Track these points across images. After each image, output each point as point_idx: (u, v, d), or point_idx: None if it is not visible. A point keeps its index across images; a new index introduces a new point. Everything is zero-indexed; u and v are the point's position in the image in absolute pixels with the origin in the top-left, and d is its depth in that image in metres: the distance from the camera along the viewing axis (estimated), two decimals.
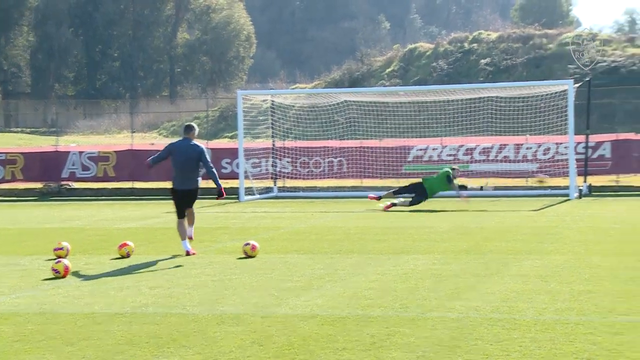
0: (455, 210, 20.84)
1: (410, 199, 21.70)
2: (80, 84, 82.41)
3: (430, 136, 30.02)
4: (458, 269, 11.32)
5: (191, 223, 13.98)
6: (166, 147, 14.17)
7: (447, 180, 21.72)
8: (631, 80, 40.46)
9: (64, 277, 11.36)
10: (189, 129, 14.06)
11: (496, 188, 24.74)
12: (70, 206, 25.39)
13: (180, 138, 14.25)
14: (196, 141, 13.98)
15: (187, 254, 13.33)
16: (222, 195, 13.93)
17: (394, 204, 21.55)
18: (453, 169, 22.28)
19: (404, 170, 27.66)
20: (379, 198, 22.55)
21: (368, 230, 16.54)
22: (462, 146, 27.41)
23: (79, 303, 9.53)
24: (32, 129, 62.44)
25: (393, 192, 22.54)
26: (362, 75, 51.59)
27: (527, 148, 26.85)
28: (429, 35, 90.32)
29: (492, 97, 28.82)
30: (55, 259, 12.52)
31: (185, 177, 13.78)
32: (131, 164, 29.34)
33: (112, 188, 29.95)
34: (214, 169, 13.86)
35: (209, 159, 13.83)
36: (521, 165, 26.85)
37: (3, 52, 78.36)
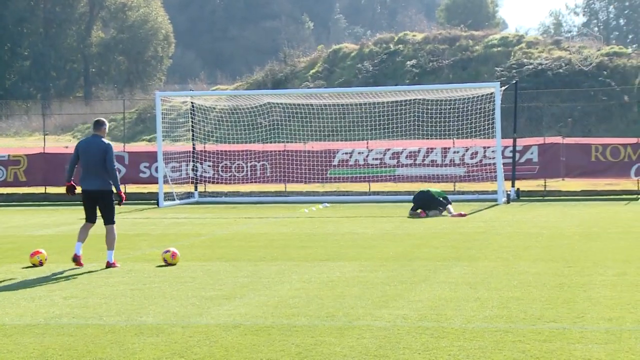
0: (382, 217, 21.00)
1: (439, 209, 20.94)
2: None
3: (356, 139, 30.23)
4: (385, 277, 11.40)
5: (110, 246, 13.08)
6: (75, 147, 13.59)
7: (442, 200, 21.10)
8: (557, 83, 41.38)
9: None
10: (98, 124, 13.48)
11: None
12: None
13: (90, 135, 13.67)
14: (106, 139, 13.43)
15: (76, 257, 12.85)
16: (122, 200, 13.24)
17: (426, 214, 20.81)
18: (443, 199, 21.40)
19: (329, 175, 27.78)
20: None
21: (292, 237, 16.55)
22: (388, 150, 27.66)
23: None
24: None
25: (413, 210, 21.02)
26: (286, 76, 51.61)
27: (454, 152, 27.23)
28: (354, 36, 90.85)
29: (418, 99, 29.16)
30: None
31: (92, 176, 13.16)
32: (44, 168, 28.83)
33: (23, 193, 29.37)
34: (115, 171, 13.16)
35: (113, 159, 13.12)
36: (448, 170, 27.21)
37: None
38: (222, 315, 9.01)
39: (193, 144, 28.49)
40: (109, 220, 13.26)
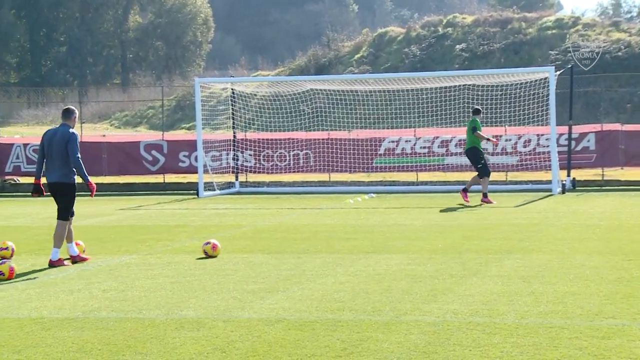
0: (430, 207, 20.95)
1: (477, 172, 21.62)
2: (24, 70, 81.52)
3: (402, 127, 30.15)
4: (434, 270, 11.37)
5: (55, 243, 12.67)
6: (41, 139, 12.99)
7: (472, 131, 21.57)
8: (616, 67, 40.89)
9: (8, 279, 11.26)
10: (67, 113, 12.84)
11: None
12: (14, 203, 25.17)
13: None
14: (74, 129, 12.82)
15: (73, 259, 12.71)
16: (92, 191, 12.83)
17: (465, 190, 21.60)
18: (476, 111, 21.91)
19: (375, 164, 27.75)
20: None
21: (337, 229, 16.57)
22: (437, 138, 27.53)
23: (25, 307, 9.46)
24: None
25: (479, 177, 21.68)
26: (329, 61, 51.59)
27: (506, 140, 27.03)
28: (400, 19, 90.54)
29: (468, 85, 28.98)
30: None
31: (55, 168, 12.66)
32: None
33: None
34: (79, 160, 12.61)
35: (75, 149, 12.55)
36: (500, 159, 27.03)
37: None
38: (265, 310, 9.05)
39: (234, 132, 28.61)
40: (61, 215, 12.82)
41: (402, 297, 9.57)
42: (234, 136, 28.49)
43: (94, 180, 30.84)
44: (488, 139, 22.03)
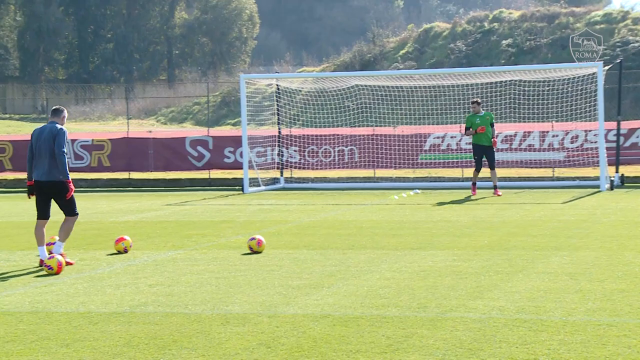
0: (476, 204, 20.84)
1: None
2: (72, 67, 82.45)
3: (448, 123, 30.01)
4: (480, 266, 11.31)
5: (62, 238, 12.35)
6: (30, 137, 12.65)
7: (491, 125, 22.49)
8: None
9: (57, 273, 11.40)
10: (56, 112, 12.48)
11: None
12: None
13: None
14: (65, 127, 12.41)
15: (42, 263, 11.96)
16: (69, 191, 12.22)
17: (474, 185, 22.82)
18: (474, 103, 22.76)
19: (420, 160, 27.65)
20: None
21: (382, 224, 16.55)
22: None
23: (73, 302, 9.57)
24: (21, 116, 62.59)
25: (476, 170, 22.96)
26: (374, 57, 51.50)
27: (553, 136, 26.79)
28: (446, 15, 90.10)
29: (514, 80, 28.77)
30: (48, 255, 12.53)
31: (44, 166, 12.20)
32: (127, 153, 29.41)
33: (107, 179, 30.03)
34: (64, 156, 12.09)
35: (62, 143, 12.06)
36: (547, 154, 26.80)
37: None
38: (310, 305, 9.07)
39: (279, 128, 28.68)
40: (70, 212, 12.46)
41: (447, 293, 9.54)
42: (279, 132, 28.56)
43: (140, 175, 31.14)
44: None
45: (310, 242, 14.11)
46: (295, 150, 28.41)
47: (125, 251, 13.34)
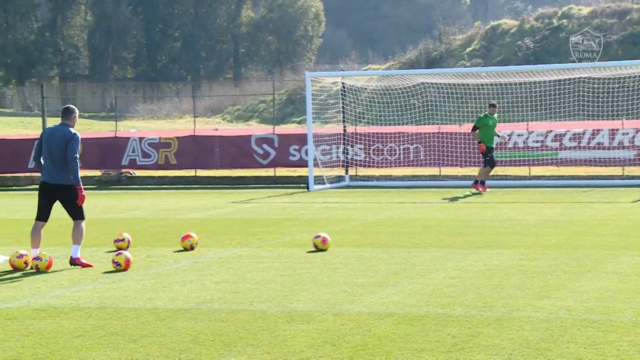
0: (543, 202, 20.61)
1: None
2: (140, 65, 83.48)
3: (515, 121, 29.70)
4: (547, 266, 11.18)
5: (76, 240, 12.04)
6: (40, 136, 12.45)
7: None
8: None
9: (125, 270, 11.55)
10: (67, 112, 12.16)
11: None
12: (130, 195, 25.80)
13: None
14: (74, 129, 12.12)
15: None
16: (80, 199, 11.99)
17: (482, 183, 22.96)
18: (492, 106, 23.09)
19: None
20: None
21: (448, 223, 16.45)
22: (550, 132, 27.02)
23: (141, 298, 9.69)
24: (91, 114, 63.56)
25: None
26: (440, 55, 51.20)
27: (623, 134, 26.34)
28: (514, 11, 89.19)
29: (583, 78, 28.36)
30: (115, 251, 12.72)
31: (54, 168, 11.98)
32: (194, 150, 29.67)
33: (174, 176, 30.32)
34: (76, 162, 11.88)
35: (76, 149, 11.90)
36: (617, 153, 26.36)
37: (60, 33, 79.77)
38: (375, 303, 9.06)
39: (344, 126, 28.67)
40: (77, 216, 12.19)
41: (514, 292, 9.45)
42: (344, 130, 28.55)
43: (206, 173, 31.44)
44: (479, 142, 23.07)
45: (375, 240, 14.09)
46: (360, 148, 28.37)
47: (192, 248, 13.46)
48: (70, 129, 12.02)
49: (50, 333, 8.09)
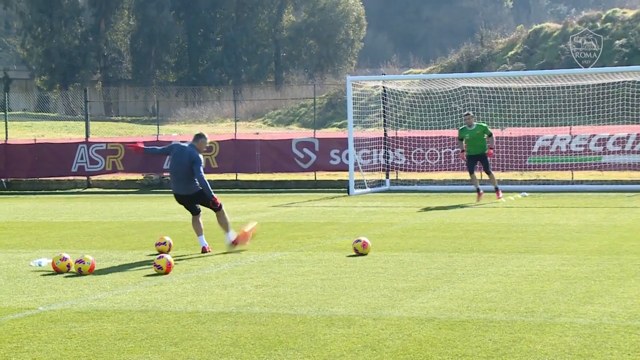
0: (586, 207, 20.42)
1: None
2: (182, 70, 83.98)
3: (557, 125, 29.48)
4: (589, 271, 11.08)
5: (226, 228, 13.90)
6: (169, 145, 14.32)
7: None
8: None
9: (166, 273, 11.62)
10: (198, 137, 13.96)
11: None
12: (172, 199, 25.82)
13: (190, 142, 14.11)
14: (198, 151, 13.83)
15: (204, 250, 13.67)
16: (217, 206, 13.93)
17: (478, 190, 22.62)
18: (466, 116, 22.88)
19: (528, 162, 27.23)
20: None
21: (489, 227, 16.36)
22: (593, 136, 26.79)
23: (182, 301, 9.74)
24: (133, 118, 64.11)
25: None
26: (482, 58, 50.94)
27: None
28: (557, 15, 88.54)
29: (628, 81, 28.06)
30: (157, 254, 12.81)
31: (180, 182, 13.85)
32: (235, 154, 29.79)
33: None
34: (205, 180, 13.75)
35: (201, 169, 13.64)
36: None
37: (103, 37, 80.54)
38: (415, 308, 9.03)
39: (385, 130, 28.64)
40: (216, 209, 13.92)
41: (556, 298, 9.37)
42: (385, 134, 28.52)
43: (247, 177, 31.54)
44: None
45: (415, 245, 14.05)
46: (401, 152, 28.31)
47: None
48: (196, 152, 13.64)
49: (93, 336, 8.16)
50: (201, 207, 14.08)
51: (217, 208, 13.88)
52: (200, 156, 13.70)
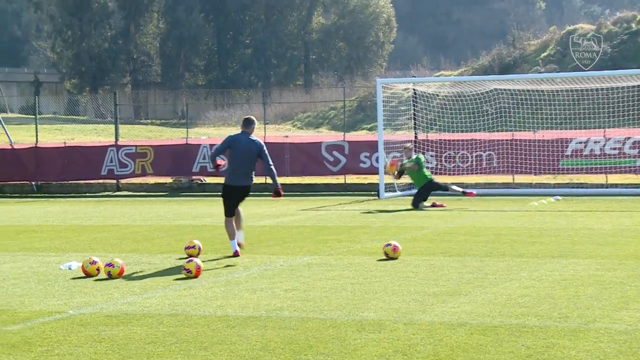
0: (621, 211, 20.25)
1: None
2: (211, 72, 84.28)
3: (591, 127, 29.24)
4: (625, 276, 10.98)
5: (239, 227, 14.02)
6: (225, 139, 14.16)
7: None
8: None
9: (195, 277, 11.65)
10: (249, 122, 14.09)
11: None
12: (201, 202, 26.04)
13: (239, 132, 14.24)
14: (255, 136, 14.09)
15: (235, 254, 13.57)
16: (280, 194, 14.15)
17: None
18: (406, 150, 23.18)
19: (561, 166, 27.06)
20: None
21: (521, 231, 16.27)
22: (628, 139, 26.56)
23: (211, 305, 9.76)
24: (162, 121, 64.40)
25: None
26: (514, 60, 50.71)
27: None
28: (590, 16, 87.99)
29: None
30: (186, 258, 12.85)
31: (243, 173, 13.93)
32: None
33: None
34: (272, 166, 14.09)
35: (268, 155, 14.01)
36: None
37: (133, 41, 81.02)
38: (447, 313, 8.99)
39: (415, 133, 28.57)
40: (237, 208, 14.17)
41: (590, 303, 9.30)
42: (416, 137, 28.44)
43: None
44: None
45: (447, 249, 14.00)
46: (431, 156, 28.22)
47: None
48: (258, 140, 13.92)
49: (122, 339, 8.20)
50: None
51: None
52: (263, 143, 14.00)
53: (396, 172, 23.13)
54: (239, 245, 13.72)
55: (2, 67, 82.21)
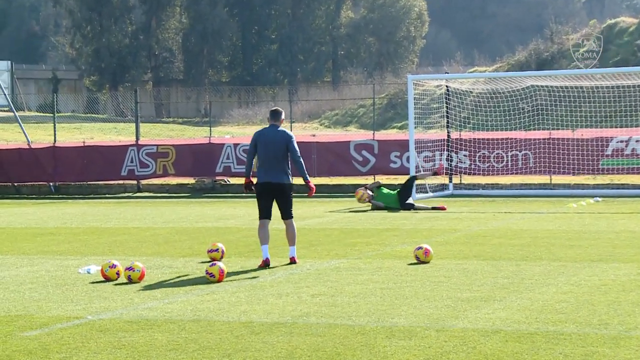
0: None
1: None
2: (235, 69, 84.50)
3: (633, 126, 29.10)
4: None
5: (292, 242, 13.43)
6: (252, 138, 13.58)
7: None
8: None
9: (219, 281, 11.69)
10: (275, 114, 13.61)
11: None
12: (225, 204, 26.12)
13: (267, 125, 13.72)
14: (284, 128, 13.59)
15: (266, 262, 12.99)
16: (311, 190, 13.76)
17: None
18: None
19: (602, 166, 26.92)
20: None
21: (559, 234, 16.21)
22: None
23: (235, 310, 9.79)
24: (184, 119, 64.68)
25: None
26: (552, 56, 50.51)
27: None
28: (633, 9, 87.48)
29: None
30: (209, 262, 12.90)
31: (271, 168, 13.28)
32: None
33: None
34: (301, 159, 13.50)
35: (297, 148, 13.40)
36: None
37: (154, 36, 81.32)
38: (480, 319, 8.97)
39: (448, 132, 28.51)
40: (287, 214, 13.51)
41: (631, 309, 9.25)
42: (448, 136, 28.39)
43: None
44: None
45: (480, 252, 13.97)
46: (465, 155, 28.17)
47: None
48: (287, 131, 13.45)
49: (143, 346, 8.24)
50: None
51: (289, 213, 13.45)
52: (293, 135, 13.53)
53: (367, 199, 23.22)
54: (291, 260, 13.27)
55: (20, 63, 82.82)
